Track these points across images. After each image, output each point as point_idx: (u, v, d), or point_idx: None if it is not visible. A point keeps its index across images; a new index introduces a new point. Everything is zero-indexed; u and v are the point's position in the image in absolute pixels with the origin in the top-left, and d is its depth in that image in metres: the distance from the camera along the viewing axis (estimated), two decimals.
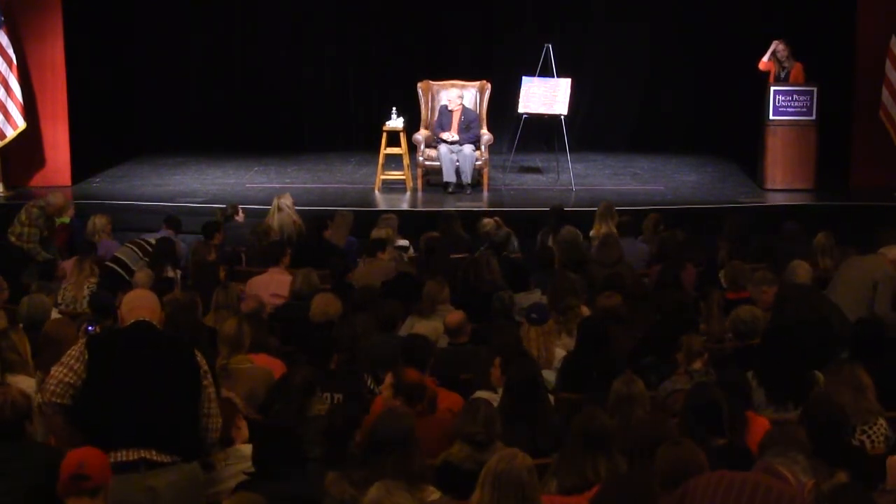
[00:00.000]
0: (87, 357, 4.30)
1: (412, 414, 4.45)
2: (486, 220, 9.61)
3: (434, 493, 4.08)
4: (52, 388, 4.27)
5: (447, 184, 12.13)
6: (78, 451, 3.89)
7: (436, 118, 12.55)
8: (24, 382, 5.53)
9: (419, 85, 12.94)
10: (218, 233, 9.26)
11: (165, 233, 9.25)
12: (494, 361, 5.56)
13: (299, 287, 7.30)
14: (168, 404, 4.27)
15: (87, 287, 7.68)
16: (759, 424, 4.91)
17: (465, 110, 12.37)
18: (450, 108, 12.36)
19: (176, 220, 9.56)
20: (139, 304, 4.53)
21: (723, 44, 14.20)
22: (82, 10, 12.97)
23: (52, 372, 4.36)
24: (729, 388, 4.83)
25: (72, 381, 4.26)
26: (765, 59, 12.07)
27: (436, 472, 4.51)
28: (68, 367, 4.29)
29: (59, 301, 7.82)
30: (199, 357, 4.40)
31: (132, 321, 4.45)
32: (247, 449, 4.53)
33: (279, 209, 9.68)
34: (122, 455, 4.18)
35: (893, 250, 7.30)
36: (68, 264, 8.52)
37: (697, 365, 5.56)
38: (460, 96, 12.47)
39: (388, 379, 5.11)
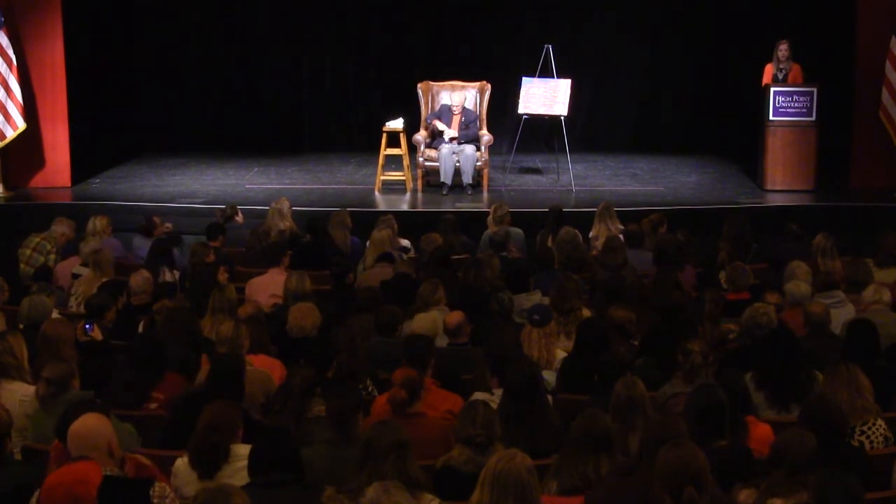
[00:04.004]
0: None
1: (405, 426, 4.45)
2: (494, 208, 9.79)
3: (433, 501, 4.08)
4: None
5: (442, 185, 12.14)
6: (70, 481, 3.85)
7: (435, 110, 12.57)
8: (20, 389, 5.48)
9: (419, 85, 12.94)
10: (221, 235, 9.26)
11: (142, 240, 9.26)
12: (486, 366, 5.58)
13: (293, 290, 7.27)
14: None
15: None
16: (762, 429, 4.91)
17: (465, 111, 12.39)
18: (453, 112, 12.37)
19: (148, 225, 9.50)
20: (82, 444, 4.17)
21: (723, 44, 14.22)
22: (82, 10, 12.97)
23: None
24: (728, 392, 4.82)
25: None
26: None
27: (436, 476, 4.52)
28: None
29: (72, 294, 7.84)
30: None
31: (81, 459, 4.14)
32: (244, 449, 4.53)
33: (281, 215, 9.64)
34: None
35: (881, 293, 7.04)
36: (65, 266, 8.51)
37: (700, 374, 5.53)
38: (465, 98, 12.48)
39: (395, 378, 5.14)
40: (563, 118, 12.41)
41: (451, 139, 12.20)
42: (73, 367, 5.31)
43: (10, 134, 11.96)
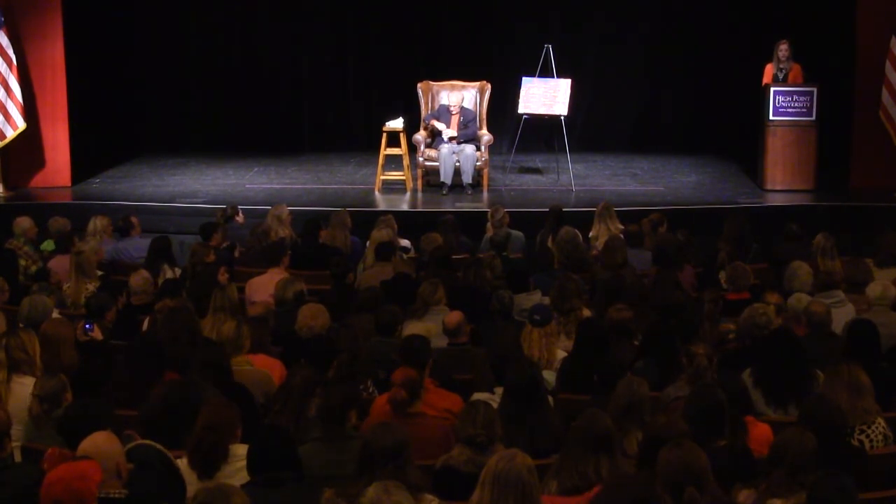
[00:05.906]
0: None
1: (405, 426, 4.45)
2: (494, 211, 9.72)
3: (433, 501, 4.08)
4: None
5: (442, 185, 12.14)
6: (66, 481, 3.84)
7: (434, 110, 12.57)
8: (32, 383, 5.43)
9: (419, 85, 12.94)
10: (216, 234, 9.22)
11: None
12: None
13: (278, 295, 7.26)
14: None
15: (84, 295, 7.66)
16: (761, 429, 4.91)
17: (463, 110, 12.39)
18: (451, 112, 12.37)
19: (125, 225, 9.47)
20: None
21: (723, 44, 14.22)
22: (82, 10, 12.97)
23: None
24: (728, 392, 4.82)
25: None
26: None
27: (436, 476, 4.51)
28: None
29: (61, 302, 7.81)
30: None
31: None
32: (243, 449, 4.52)
33: (280, 222, 9.60)
34: None
35: (888, 290, 6.96)
36: (58, 263, 8.48)
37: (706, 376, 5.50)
38: (462, 98, 12.48)
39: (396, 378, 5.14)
40: (563, 118, 12.41)
41: (451, 139, 12.20)
42: (64, 379, 5.24)
43: (10, 134, 11.97)
